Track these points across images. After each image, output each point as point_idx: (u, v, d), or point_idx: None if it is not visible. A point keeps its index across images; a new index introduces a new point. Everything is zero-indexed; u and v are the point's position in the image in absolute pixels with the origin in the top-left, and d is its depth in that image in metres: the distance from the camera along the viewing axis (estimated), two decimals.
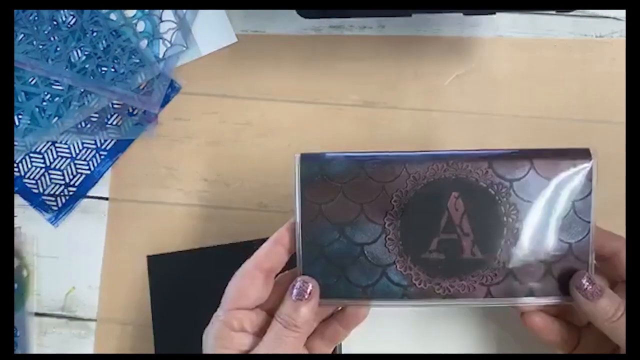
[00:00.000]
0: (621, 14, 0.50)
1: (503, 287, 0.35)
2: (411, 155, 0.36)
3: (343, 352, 0.46)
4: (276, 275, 0.37)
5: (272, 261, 0.36)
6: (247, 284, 0.36)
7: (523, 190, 0.35)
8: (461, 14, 0.47)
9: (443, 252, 0.35)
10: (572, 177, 0.35)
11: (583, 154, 0.35)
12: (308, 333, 0.35)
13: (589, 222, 0.35)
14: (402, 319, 0.47)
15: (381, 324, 0.47)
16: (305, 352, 0.38)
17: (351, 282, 0.36)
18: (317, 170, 0.36)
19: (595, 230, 0.36)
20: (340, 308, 0.39)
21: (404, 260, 0.35)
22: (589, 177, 0.35)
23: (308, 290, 0.35)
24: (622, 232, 0.47)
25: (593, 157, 0.35)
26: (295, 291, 0.35)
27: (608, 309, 0.34)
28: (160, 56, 0.51)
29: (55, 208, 0.50)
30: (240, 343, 0.35)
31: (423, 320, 0.47)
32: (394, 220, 0.35)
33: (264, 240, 0.37)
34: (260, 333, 0.36)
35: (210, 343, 0.36)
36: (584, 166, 0.35)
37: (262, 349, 0.34)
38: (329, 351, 0.39)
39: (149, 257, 0.49)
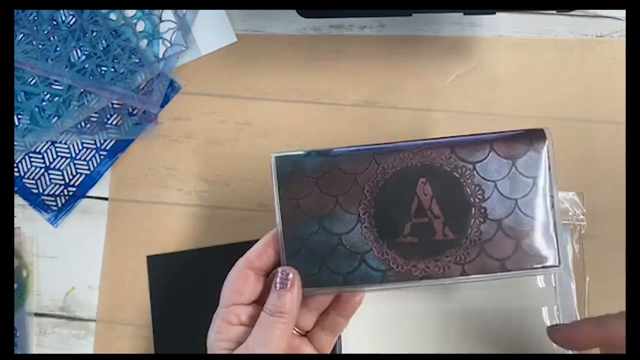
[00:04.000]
0: (621, 14, 0.50)
1: (476, 265, 0.37)
2: (379, 148, 0.38)
3: (343, 352, 0.46)
4: (269, 273, 0.39)
5: (263, 261, 0.38)
6: (241, 282, 0.38)
7: (486, 171, 0.37)
8: (461, 14, 0.48)
9: (416, 236, 0.37)
10: (530, 156, 0.37)
11: (539, 135, 0.37)
12: (294, 320, 0.37)
13: (552, 196, 0.37)
14: (402, 318, 0.47)
15: (381, 324, 0.47)
16: (305, 347, 0.40)
17: (332, 270, 0.37)
18: (291, 168, 0.38)
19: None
20: (336, 298, 0.40)
21: (380, 246, 0.37)
22: (547, 155, 0.37)
23: (289, 279, 0.36)
24: (622, 232, 0.47)
25: (548, 137, 0.37)
26: (278, 281, 0.37)
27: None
28: (160, 56, 0.51)
29: (55, 208, 0.50)
30: (236, 335, 0.37)
31: (423, 320, 0.47)
32: (368, 209, 0.37)
33: None
34: None
35: (211, 338, 0.37)
36: (540, 145, 0.37)
37: (251, 340, 0.36)
38: (333, 342, 0.41)
39: (148, 257, 0.49)
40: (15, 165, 0.50)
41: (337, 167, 0.37)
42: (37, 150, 0.51)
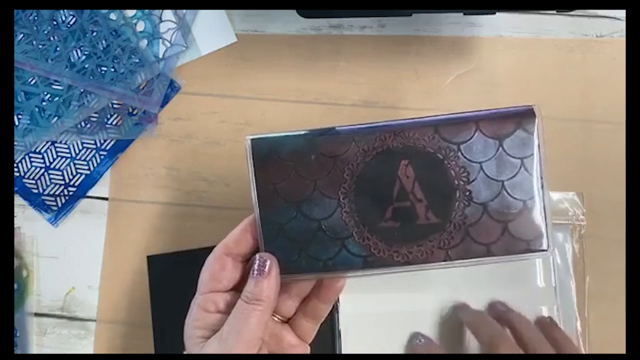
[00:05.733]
0: (621, 14, 0.50)
1: (461, 249, 0.35)
2: (358, 128, 0.36)
3: (343, 352, 0.46)
4: (247, 259, 0.38)
5: (241, 247, 0.37)
6: (218, 269, 0.37)
7: (471, 152, 0.35)
8: (461, 14, 0.48)
9: (398, 220, 0.36)
10: (518, 135, 0.35)
11: (527, 113, 0.35)
12: (272, 308, 0.36)
13: (542, 177, 0.35)
14: (402, 318, 0.47)
15: (381, 324, 0.47)
16: (286, 334, 0.39)
17: (312, 256, 0.36)
18: (267, 151, 0.36)
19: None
20: (317, 284, 0.39)
21: (361, 231, 0.36)
22: (536, 135, 0.35)
23: (266, 266, 0.36)
24: (622, 232, 0.47)
25: (537, 115, 0.35)
26: (255, 268, 0.36)
27: None
28: (160, 56, 0.51)
29: (55, 208, 0.50)
30: (213, 323, 0.36)
31: (423, 320, 0.47)
32: (348, 193, 0.36)
33: None
34: None
35: (188, 325, 0.37)
36: (529, 124, 0.35)
37: (226, 327, 0.35)
38: (315, 328, 0.40)
39: (149, 257, 0.49)
40: (15, 165, 0.50)
41: (316, 150, 0.36)
42: (37, 150, 0.51)
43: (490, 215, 0.35)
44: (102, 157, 0.51)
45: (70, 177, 0.50)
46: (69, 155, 0.51)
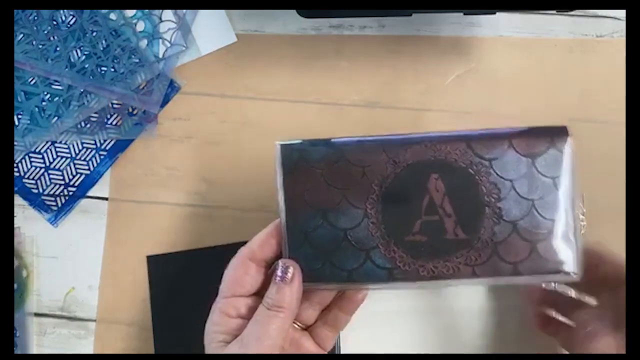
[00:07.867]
0: (621, 14, 0.50)
1: (488, 267, 0.35)
2: (390, 139, 0.36)
3: (342, 352, 0.46)
4: (270, 264, 0.38)
5: (264, 253, 0.37)
6: (241, 273, 0.37)
7: (503, 169, 0.35)
8: (461, 14, 0.47)
9: (426, 234, 0.35)
10: (551, 154, 0.35)
11: (561, 132, 0.35)
12: (293, 315, 0.36)
13: (574, 198, 0.35)
14: (401, 317, 0.47)
15: (380, 323, 0.47)
16: (305, 341, 0.39)
17: (336, 266, 0.36)
18: (297, 158, 0.36)
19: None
20: (339, 294, 0.39)
21: (387, 243, 0.35)
22: (569, 155, 0.35)
23: (289, 273, 0.35)
24: (622, 232, 0.47)
25: (570, 134, 0.35)
26: (278, 274, 0.35)
27: None
28: (160, 56, 0.51)
29: (55, 208, 0.50)
30: (233, 328, 0.36)
31: (423, 319, 0.47)
32: (375, 204, 0.36)
33: None
34: None
35: (208, 329, 0.37)
36: (562, 143, 0.35)
37: (246, 333, 0.35)
38: (334, 337, 0.40)
39: (149, 257, 0.49)
40: (15, 165, 0.50)
41: (345, 159, 0.36)
42: (37, 150, 0.51)
43: (519, 234, 0.35)
44: (102, 157, 0.51)
45: (70, 177, 0.50)
46: (69, 155, 0.51)
